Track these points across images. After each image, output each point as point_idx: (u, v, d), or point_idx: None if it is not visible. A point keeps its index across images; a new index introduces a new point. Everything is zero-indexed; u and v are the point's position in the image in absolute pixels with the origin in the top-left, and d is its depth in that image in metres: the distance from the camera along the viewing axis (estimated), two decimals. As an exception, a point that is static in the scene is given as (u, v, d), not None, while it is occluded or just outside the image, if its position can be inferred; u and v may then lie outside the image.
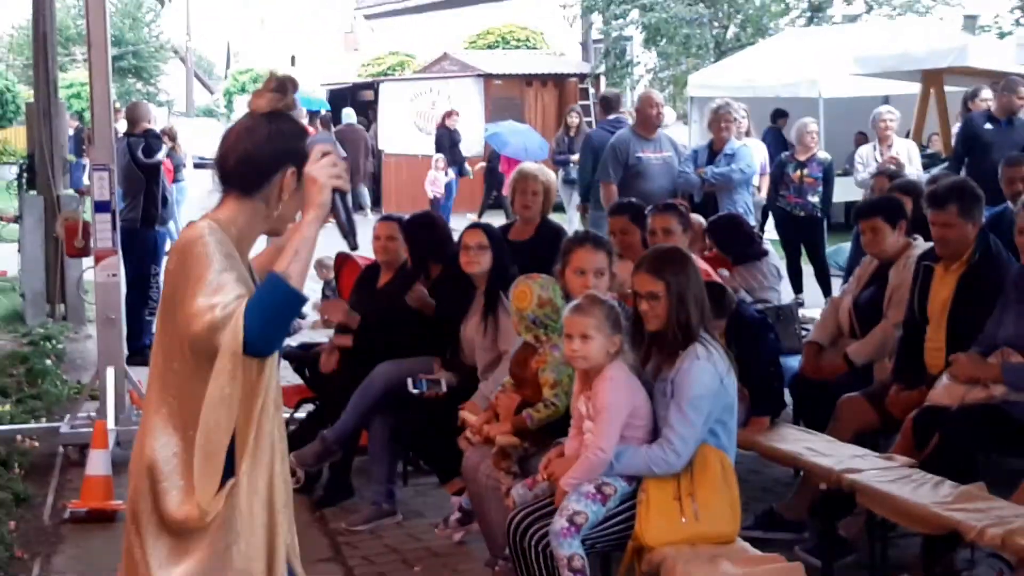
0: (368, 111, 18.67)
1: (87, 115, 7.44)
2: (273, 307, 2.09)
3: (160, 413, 2.19)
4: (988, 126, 7.40)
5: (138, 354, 7.14)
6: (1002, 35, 13.52)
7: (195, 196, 12.49)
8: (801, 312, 5.78)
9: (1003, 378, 4.05)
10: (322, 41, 31.97)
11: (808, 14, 16.86)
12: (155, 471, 2.18)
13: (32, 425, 6.01)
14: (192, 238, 2.16)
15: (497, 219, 9.91)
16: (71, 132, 11.34)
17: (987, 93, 7.91)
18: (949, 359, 4.26)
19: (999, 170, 5.85)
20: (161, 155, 7.88)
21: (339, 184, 2.18)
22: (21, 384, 6.80)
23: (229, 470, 2.13)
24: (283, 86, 2.21)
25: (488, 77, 18.37)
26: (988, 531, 3.28)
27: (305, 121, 14.14)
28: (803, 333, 5.34)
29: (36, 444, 5.70)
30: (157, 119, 9.10)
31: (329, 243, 2.93)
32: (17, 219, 9.64)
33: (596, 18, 18.26)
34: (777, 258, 5.81)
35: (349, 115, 17.36)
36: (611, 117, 8.40)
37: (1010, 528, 3.26)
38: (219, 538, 2.20)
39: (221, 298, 2.04)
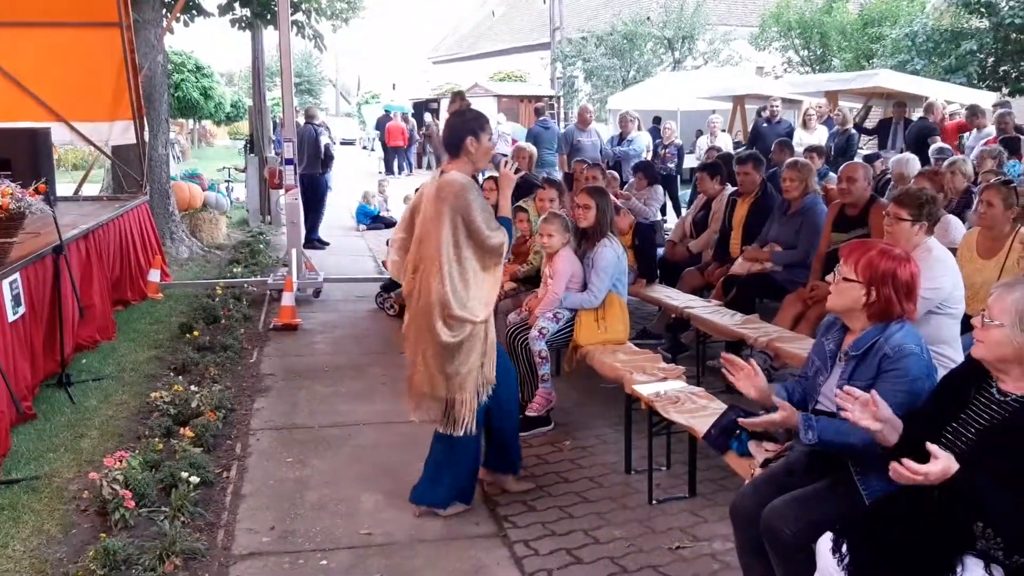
0: (435, 114, 28.91)
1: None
2: (508, 229, 3.93)
3: (445, 276, 3.72)
4: (765, 125, 11.48)
5: (309, 243, 11.26)
6: (777, 78, 21.45)
7: (340, 160, 17.25)
8: (665, 225, 8.35)
9: (771, 259, 6.13)
10: (410, 74, 54.53)
11: (672, 65, 26.44)
12: (442, 304, 3.73)
13: (252, 279, 9.12)
14: (462, 182, 3.80)
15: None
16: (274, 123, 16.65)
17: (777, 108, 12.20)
18: (743, 249, 6.41)
19: (772, 147, 9.01)
20: (324, 138, 11.69)
21: (515, 178, 4.07)
22: (247, 257, 10.07)
23: None
24: (462, 96, 4.24)
25: (500, 97, 29.59)
26: (760, 339, 5.07)
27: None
28: (666, 235, 7.91)
29: (255, 288, 8.75)
30: (319, 116, 13.48)
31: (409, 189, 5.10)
32: (244, 170, 15.55)
33: (558, 66, 28.92)
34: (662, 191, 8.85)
35: (427, 117, 28.15)
36: (540, 119, 12.60)
37: (771, 337, 5.06)
38: (476, 345, 3.83)
39: (496, 230, 3.76)
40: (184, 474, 4.19)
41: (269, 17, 13.26)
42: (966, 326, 3.95)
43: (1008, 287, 2.47)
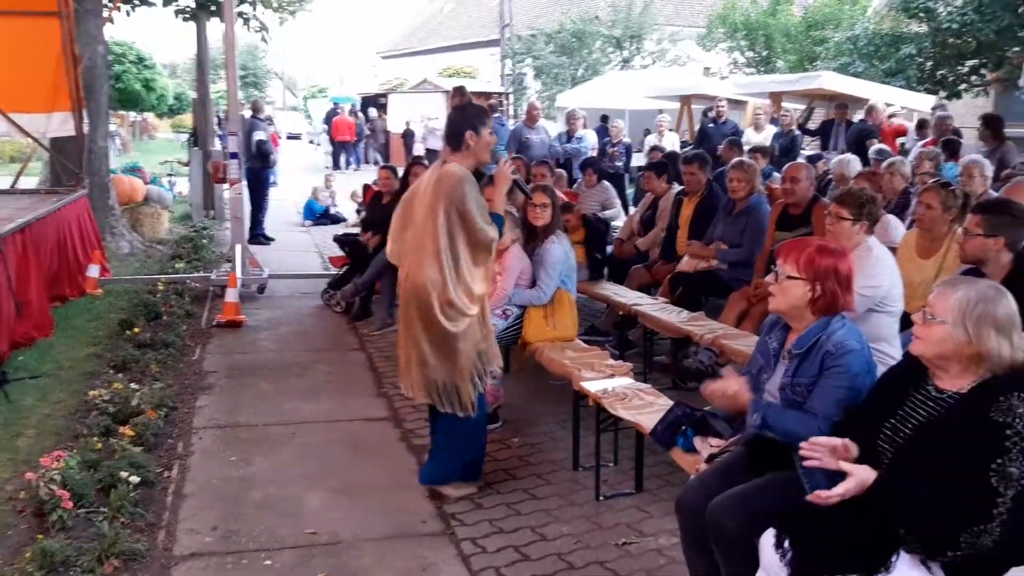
0: (382, 109, 28.99)
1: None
2: (499, 224, 3.97)
3: (442, 263, 3.80)
4: (711, 125, 11.63)
5: (253, 238, 11.11)
6: (723, 78, 21.19)
7: (286, 155, 18.21)
8: (613, 223, 8.34)
9: (717, 257, 6.19)
10: (358, 68, 54.78)
11: (621, 64, 26.58)
12: (440, 290, 3.81)
13: (195, 274, 8.95)
14: (460, 175, 3.85)
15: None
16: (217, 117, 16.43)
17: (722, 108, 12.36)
18: (688, 246, 6.49)
19: (720, 147, 9.14)
20: (259, 133, 11.68)
21: (514, 178, 4.11)
22: (189, 252, 9.89)
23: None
24: (463, 91, 4.25)
25: (449, 93, 26.35)
26: (705, 336, 5.15)
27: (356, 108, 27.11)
28: (614, 233, 7.96)
29: (197, 284, 8.54)
30: (264, 109, 13.53)
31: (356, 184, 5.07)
32: (187, 164, 15.12)
33: (507, 62, 28.85)
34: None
35: (372, 112, 28.22)
36: (494, 116, 12.30)
37: (716, 334, 5.13)
38: (474, 333, 3.95)
39: (489, 225, 3.84)
40: (124, 474, 4.11)
41: (214, 8, 13.06)
42: (904, 324, 4.04)
43: (951, 286, 2.51)
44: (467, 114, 4.08)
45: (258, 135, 12.09)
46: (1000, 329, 2.40)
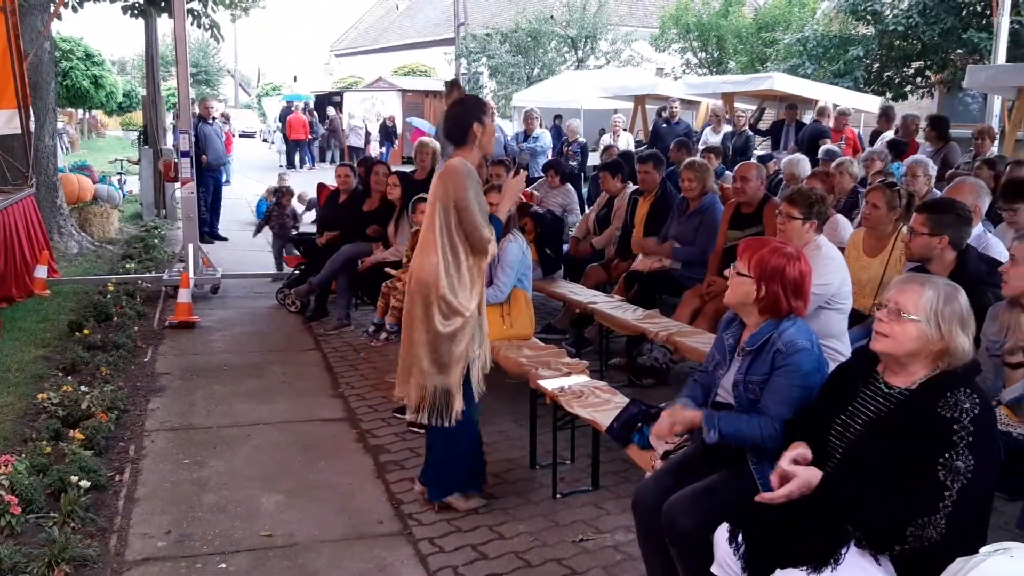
0: (338, 107, 29.21)
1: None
2: (498, 228, 3.95)
3: (441, 257, 3.75)
4: (664, 125, 11.77)
5: (204, 237, 10.67)
6: (676, 78, 21.35)
7: (239, 153, 17.85)
8: (569, 219, 8.42)
9: (672, 256, 6.30)
10: (312, 66, 54.12)
11: (575, 64, 27.19)
12: (437, 285, 3.75)
13: (147, 275, 8.82)
14: (462, 168, 3.79)
15: (409, 167, 12.51)
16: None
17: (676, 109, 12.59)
18: (644, 245, 6.57)
19: (671, 147, 9.17)
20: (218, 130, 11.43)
21: (521, 187, 4.12)
22: (141, 252, 9.77)
23: None
24: (458, 85, 4.17)
25: (404, 91, 29.34)
26: (660, 333, 5.20)
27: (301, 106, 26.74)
28: (570, 231, 8.01)
29: (149, 285, 8.43)
30: (216, 108, 13.16)
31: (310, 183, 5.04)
32: (137, 162, 14.87)
33: (463, 61, 29.08)
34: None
35: (330, 111, 27.96)
36: None
37: (670, 332, 5.18)
38: (467, 335, 3.83)
39: (486, 224, 3.77)
40: (74, 478, 4.04)
41: (163, 4, 12.82)
42: (853, 321, 4.13)
43: (918, 283, 2.53)
44: (469, 107, 3.99)
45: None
46: (964, 325, 2.47)
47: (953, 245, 3.97)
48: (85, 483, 4.04)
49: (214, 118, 12.76)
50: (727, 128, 12.48)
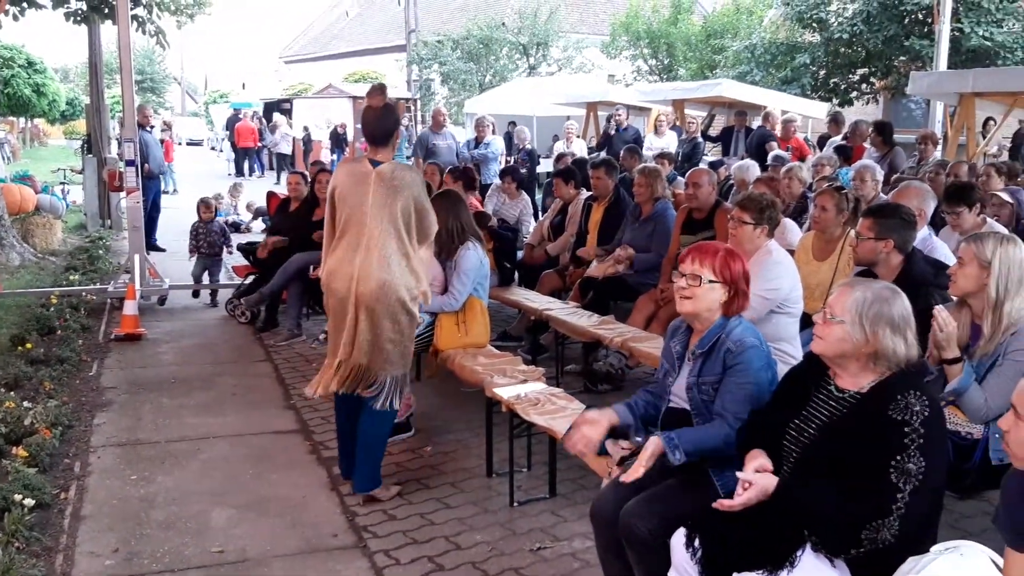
0: (287, 115, 27.64)
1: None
2: None
3: (404, 259, 3.93)
4: (614, 132, 12.05)
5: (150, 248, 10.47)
6: (628, 85, 21.96)
7: (187, 162, 17.52)
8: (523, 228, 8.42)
9: (633, 263, 6.20)
10: (261, 73, 53.37)
11: (527, 71, 27.37)
12: (407, 285, 3.94)
13: (91, 287, 8.57)
14: (415, 171, 4.09)
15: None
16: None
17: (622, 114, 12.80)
18: (597, 255, 6.59)
19: (621, 154, 9.40)
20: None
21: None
22: (85, 264, 9.51)
23: None
24: (383, 89, 4.10)
25: (355, 98, 26.14)
26: (615, 339, 5.19)
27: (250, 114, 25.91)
28: (525, 239, 8.00)
29: (94, 297, 8.19)
30: (153, 116, 12.96)
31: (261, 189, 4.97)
32: (81, 171, 14.31)
33: (414, 68, 29.14)
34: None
35: (278, 118, 25.85)
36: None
37: (625, 337, 5.19)
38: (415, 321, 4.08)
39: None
40: (18, 497, 3.92)
41: (107, 11, 12.59)
42: (804, 324, 4.17)
43: (849, 287, 2.59)
44: (394, 112, 4.15)
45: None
46: (895, 328, 2.50)
47: (899, 248, 4.03)
48: (29, 501, 3.92)
49: (152, 126, 12.50)
50: (671, 133, 12.59)
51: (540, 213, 9.89)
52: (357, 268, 3.98)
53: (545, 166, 14.47)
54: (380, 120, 4.08)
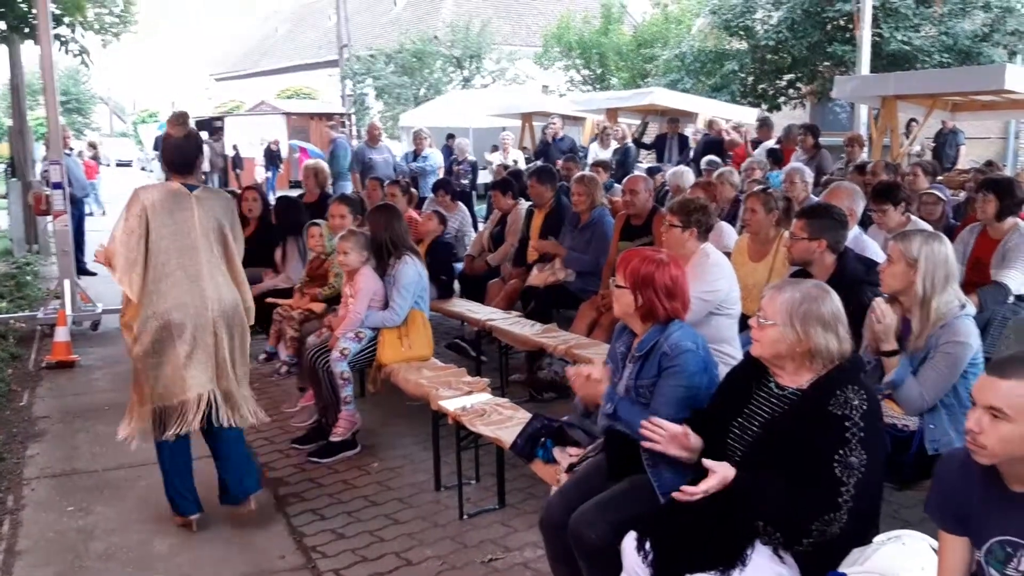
0: (218, 133, 25.62)
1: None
2: None
3: (240, 279, 4.09)
4: (550, 140, 12.26)
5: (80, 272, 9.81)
6: (562, 95, 22.43)
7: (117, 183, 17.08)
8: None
9: (564, 261, 6.32)
10: (190, 91, 51.19)
11: (462, 83, 27.58)
12: (247, 305, 4.10)
13: (19, 314, 8.33)
14: (229, 196, 4.22)
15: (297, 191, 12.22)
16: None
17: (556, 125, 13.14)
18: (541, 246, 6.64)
19: (559, 163, 9.56)
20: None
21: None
22: (12, 290, 9.22)
23: None
24: (185, 118, 4.12)
25: (288, 115, 29.23)
26: (559, 347, 5.23)
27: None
28: (465, 250, 7.98)
29: (23, 325, 7.94)
30: (72, 138, 12.83)
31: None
32: (5, 196, 14.41)
33: (348, 83, 28.79)
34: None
35: (205, 136, 24.29)
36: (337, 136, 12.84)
37: (569, 344, 5.22)
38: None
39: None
40: (-55, 536, 3.76)
41: (27, 30, 12.24)
42: (744, 325, 4.24)
43: (778, 289, 2.65)
44: (196, 139, 4.19)
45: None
46: (826, 325, 2.55)
47: (831, 248, 4.13)
48: (-42, 540, 3.77)
49: (71, 148, 12.20)
50: (615, 144, 12.74)
51: (480, 224, 9.89)
52: (209, 292, 3.96)
53: (483, 177, 14.52)
54: (180, 149, 4.08)
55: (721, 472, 2.51)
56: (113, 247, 3.93)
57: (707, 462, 2.55)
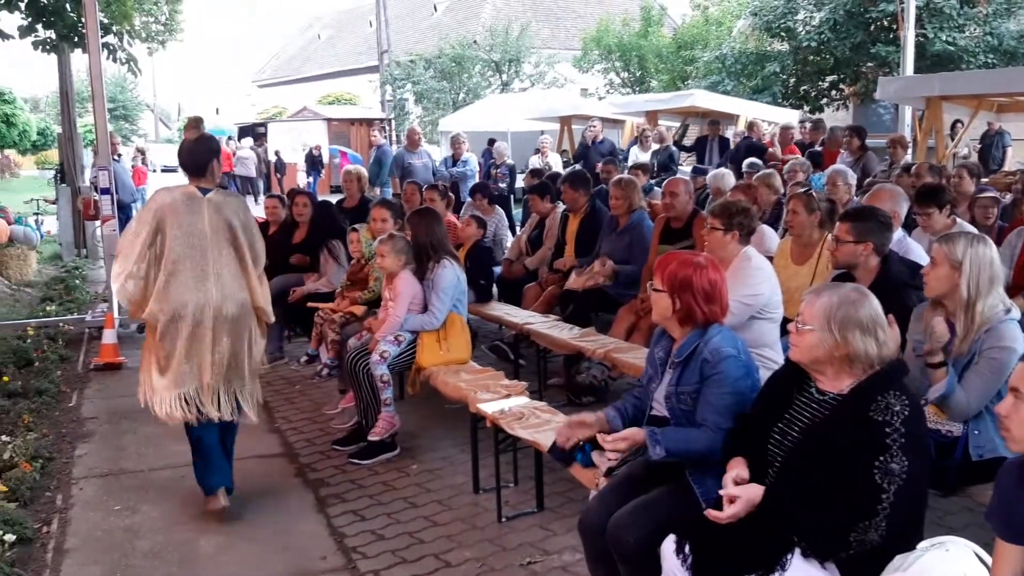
0: (261, 139, 28.24)
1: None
2: None
3: (259, 282, 4.18)
4: (589, 144, 12.22)
5: None
6: (600, 98, 22.27)
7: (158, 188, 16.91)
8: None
9: (616, 276, 6.23)
10: (234, 98, 53.26)
11: (500, 88, 27.75)
12: (261, 304, 4.20)
13: (69, 317, 8.58)
14: (242, 198, 4.26)
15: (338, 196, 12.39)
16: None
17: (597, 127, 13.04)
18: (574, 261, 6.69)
19: (599, 166, 9.49)
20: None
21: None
22: (61, 294, 9.56)
23: None
24: (199, 123, 4.24)
25: (329, 120, 28.97)
26: (597, 351, 5.20)
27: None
28: (504, 253, 8.00)
29: (72, 327, 8.15)
30: (120, 144, 12.86)
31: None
32: (55, 201, 14.45)
33: (388, 88, 29.57)
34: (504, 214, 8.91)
35: (249, 141, 26.87)
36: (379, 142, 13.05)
37: (608, 348, 5.19)
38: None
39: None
40: (-2, 532, 3.86)
41: (76, 39, 12.54)
42: (786, 329, 4.19)
43: (816, 293, 2.62)
44: (210, 144, 4.26)
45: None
46: (864, 329, 2.52)
47: (877, 251, 4.07)
48: (10, 537, 3.87)
49: (119, 154, 12.46)
50: (656, 146, 12.69)
51: (519, 227, 9.89)
52: (212, 292, 4.07)
53: (521, 181, 14.56)
54: (192, 152, 4.18)
55: (747, 495, 2.50)
56: (119, 248, 4.21)
57: (730, 489, 2.53)
